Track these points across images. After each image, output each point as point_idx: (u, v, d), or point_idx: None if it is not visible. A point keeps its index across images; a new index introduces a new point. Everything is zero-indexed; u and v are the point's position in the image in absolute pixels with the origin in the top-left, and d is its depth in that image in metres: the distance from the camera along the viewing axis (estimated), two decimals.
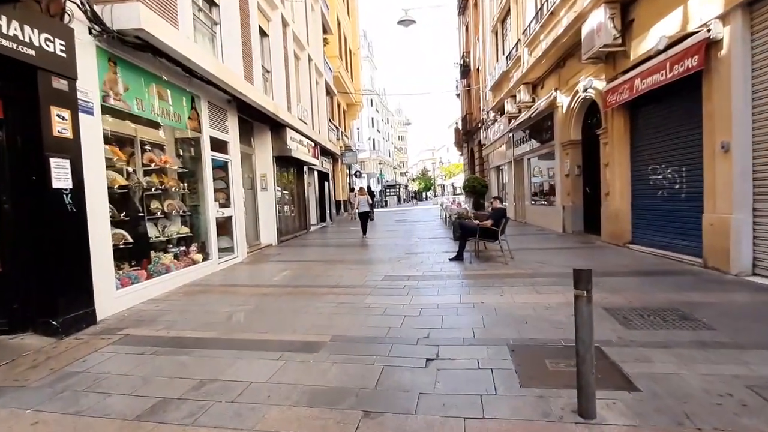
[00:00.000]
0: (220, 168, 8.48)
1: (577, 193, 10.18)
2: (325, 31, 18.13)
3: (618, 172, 7.93)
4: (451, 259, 7.43)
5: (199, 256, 7.11)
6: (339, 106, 24.81)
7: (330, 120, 20.19)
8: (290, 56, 12.25)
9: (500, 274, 6.11)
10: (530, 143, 13.24)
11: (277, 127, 11.07)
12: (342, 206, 24.12)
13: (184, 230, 7.25)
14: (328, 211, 17.54)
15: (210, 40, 8.04)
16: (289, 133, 11.45)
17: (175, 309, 5.02)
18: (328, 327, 4.03)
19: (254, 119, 10.44)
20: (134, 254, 5.95)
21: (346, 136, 25.82)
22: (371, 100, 62.54)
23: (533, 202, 13.23)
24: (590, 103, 9.37)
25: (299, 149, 12.40)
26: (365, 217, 12.57)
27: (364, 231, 12.23)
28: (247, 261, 8.59)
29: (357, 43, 27.65)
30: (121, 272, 5.52)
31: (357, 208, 12.88)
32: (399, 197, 53.46)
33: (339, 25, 22.24)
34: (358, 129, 54.58)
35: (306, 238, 12.78)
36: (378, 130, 65.36)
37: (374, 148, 60.94)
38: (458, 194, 48.75)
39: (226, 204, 8.47)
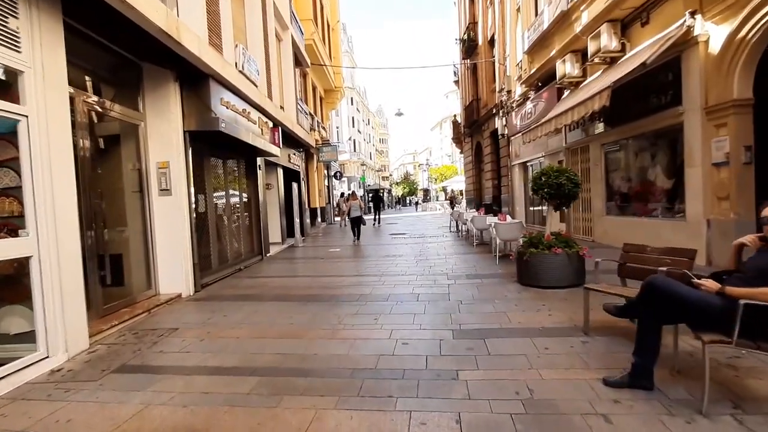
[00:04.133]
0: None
1: (745, 198, 5.58)
2: None
3: None
4: (609, 383, 2.63)
5: None
6: (315, 90, 19.85)
7: (301, 101, 15.21)
8: None
9: None
10: (599, 124, 8.67)
11: (194, 79, 6.05)
12: (319, 215, 19.07)
13: None
14: (298, 224, 12.47)
15: None
16: (217, 91, 6.44)
17: None
18: None
19: (139, 53, 5.40)
20: None
21: (323, 128, 20.84)
22: (351, 98, 58.16)
23: (616, 212, 8.60)
24: None
25: (241, 124, 7.39)
26: (357, 222, 12.35)
27: (356, 236, 12.31)
28: (70, 370, 3.48)
29: (336, 17, 22.82)
30: None
31: (349, 214, 12.66)
32: (384, 202, 48.75)
33: None
34: (337, 128, 49.89)
35: (255, 275, 7.73)
36: (359, 131, 60.87)
37: (355, 150, 56.29)
38: (449, 199, 44.22)
39: (13, 226, 3.41)
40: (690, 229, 6.32)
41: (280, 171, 11.95)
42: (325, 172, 22.51)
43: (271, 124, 9.36)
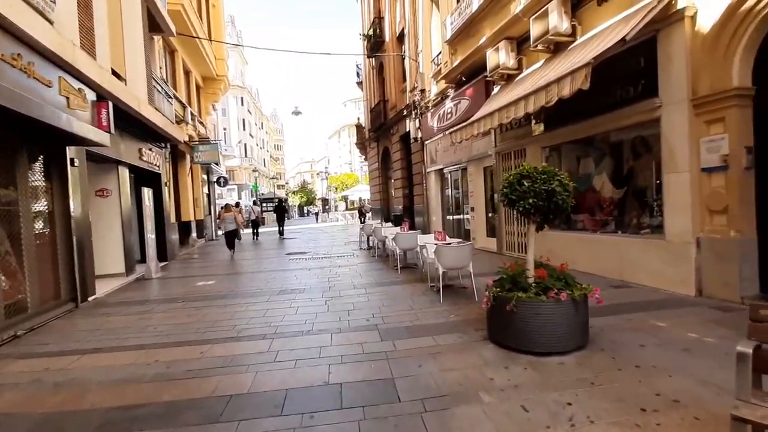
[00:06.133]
0: None
1: (747, 212, 4.46)
2: None
3: None
4: None
5: None
6: (189, 75, 16.01)
7: (165, 82, 11.56)
8: None
9: None
10: (536, 125, 7.41)
11: None
12: (194, 231, 15.15)
13: None
14: (152, 246, 8.86)
15: None
16: None
17: None
18: None
19: None
20: None
21: (201, 122, 16.99)
22: (242, 98, 52.96)
23: (562, 226, 7.33)
24: None
25: (7, 81, 4.10)
26: (232, 237, 11.79)
27: (230, 247, 11.83)
28: None
29: None
30: None
31: (224, 228, 11.91)
32: (288, 213, 44.60)
33: None
34: (225, 129, 44.51)
35: (41, 347, 4.38)
36: (251, 135, 55.72)
37: (246, 155, 51.12)
38: (358, 209, 42.18)
39: None
40: (670, 249, 5.10)
41: (124, 171, 8.36)
42: (205, 177, 18.50)
43: (93, 96, 6.00)
